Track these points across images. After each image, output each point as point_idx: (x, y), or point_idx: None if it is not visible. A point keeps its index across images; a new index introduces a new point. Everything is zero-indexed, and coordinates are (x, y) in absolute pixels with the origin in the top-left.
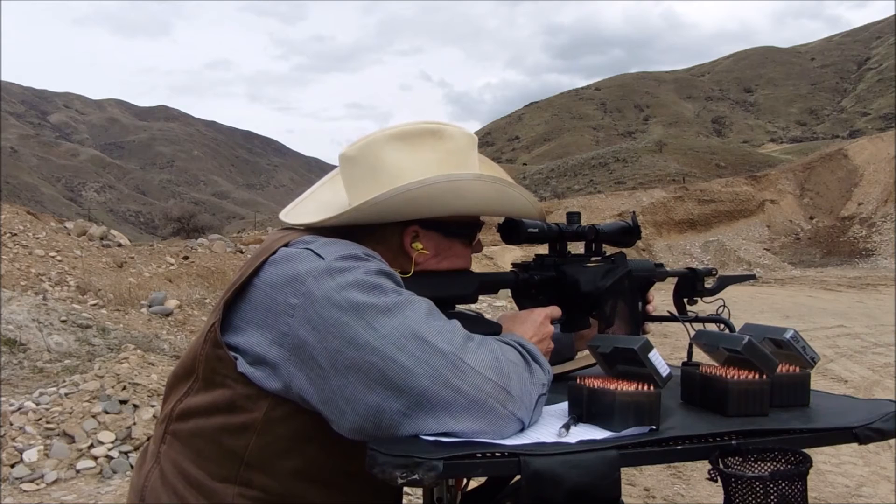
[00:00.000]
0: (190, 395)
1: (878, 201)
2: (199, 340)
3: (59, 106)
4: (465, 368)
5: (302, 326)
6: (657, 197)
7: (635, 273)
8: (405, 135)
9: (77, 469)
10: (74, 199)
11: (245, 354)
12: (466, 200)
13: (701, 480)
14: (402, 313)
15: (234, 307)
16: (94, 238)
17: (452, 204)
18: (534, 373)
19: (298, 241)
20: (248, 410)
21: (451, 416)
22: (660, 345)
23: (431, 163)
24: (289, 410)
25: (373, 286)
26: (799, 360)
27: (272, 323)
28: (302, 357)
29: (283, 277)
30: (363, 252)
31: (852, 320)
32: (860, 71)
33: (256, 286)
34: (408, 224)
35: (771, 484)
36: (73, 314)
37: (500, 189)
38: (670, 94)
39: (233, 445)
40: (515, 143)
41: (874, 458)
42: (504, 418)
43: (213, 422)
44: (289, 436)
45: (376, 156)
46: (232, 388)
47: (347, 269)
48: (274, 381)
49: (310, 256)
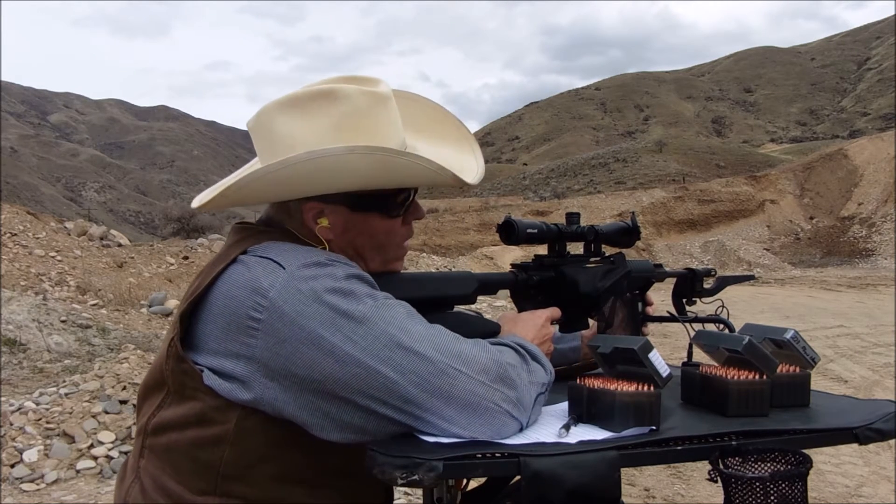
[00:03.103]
0: (163, 409)
1: (878, 201)
2: (162, 354)
3: (59, 106)
4: (454, 373)
5: (270, 342)
6: (657, 197)
7: (635, 273)
8: (296, 100)
9: (77, 469)
10: (74, 199)
11: (209, 370)
12: (343, 176)
13: (701, 480)
14: (381, 321)
15: (193, 319)
16: (94, 238)
17: (327, 182)
18: (532, 372)
19: (256, 249)
20: (219, 422)
21: (445, 421)
22: (660, 345)
23: (326, 129)
24: (262, 419)
25: (345, 293)
26: (799, 360)
27: (235, 337)
28: (273, 373)
29: (244, 290)
30: (326, 258)
31: (852, 320)
32: (860, 71)
33: (215, 298)
34: (307, 200)
35: (771, 484)
36: (73, 314)
37: (384, 160)
38: (670, 94)
39: (207, 458)
40: (515, 143)
41: (874, 458)
42: (500, 420)
43: (186, 436)
44: (264, 444)
45: (269, 126)
46: (202, 400)
47: (313, 277)
48: (243, 394)
49: (269, 266)
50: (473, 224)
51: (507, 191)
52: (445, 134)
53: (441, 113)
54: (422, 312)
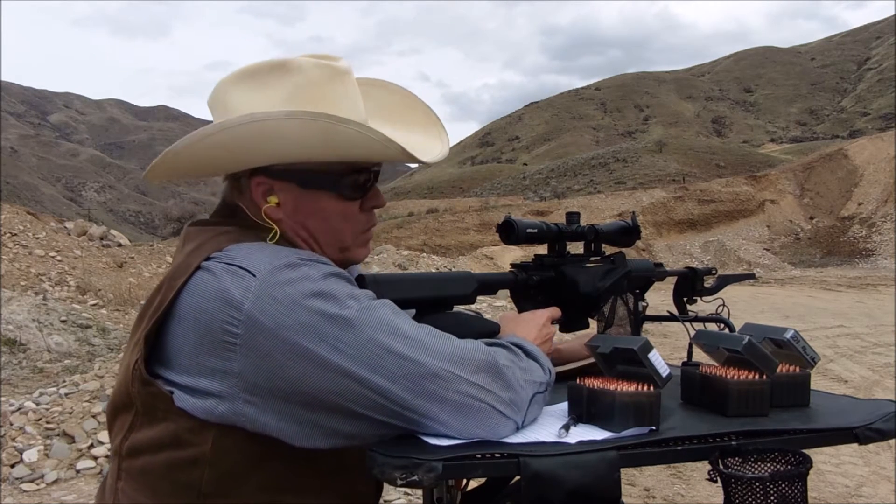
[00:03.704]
0: (134, 431)
1: (878, 201)
2: (126, 376)
3: (59, 106)
4: (447, 376)
5: (251, 357)
6: (657, 197)
7: (635, 273)
8: (250, 72)
9: (77, 469)
10: (74, 199)
11: (182, 388)
12: (283, 143)
13: (701, 480)
14: (367, 325)
15: (158, 337)
16: (94, 238)
17: (267, 150)
18: (528, 371)
19: (220, 255)
20: (194, 444)
21: (439, 423)
22: (660, 345)
23: (279, 101)
24: (240, 437)
25: (325, 296)
26: (799, 360)
27: (210, 353)
28: (255, 387)
29: (215, 302)
30: (297, 257)
31: (852, 320)
32: (860, 71)
33: (183, 312)
34: (256, 174)
35: (771, 484)
36: (73, 314)
37: (326, 127)
38: (670, 94)
39: (186, 479)
40: (515, 143)
41: (874, 458)
42: (493, 420)
43: (160, 458)
44: (245, 460)
45: (224, 100)
46: (174, 421)
47: (288, 282)
48: (221, 409)
49: (238, 274)
50: (473, 224)
51: (507, 191)
52: (415, 120)
53: (410, 99)
54: (421, 313)
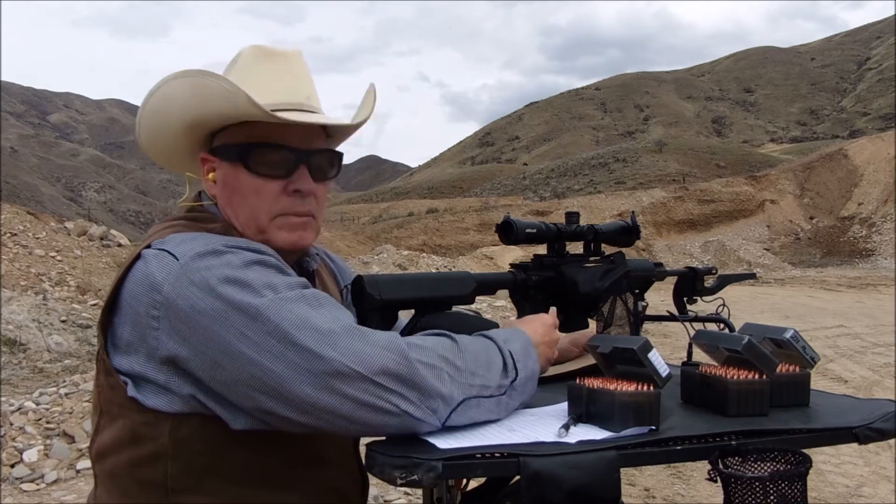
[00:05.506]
0: (99, 433)
1: (878, 201)
2: (96, 372)
3: (59, 106)
4: (350, 373)
5: (171, 339)
6: (657, 197)
7: (634, 273)
8: None
9: (77, 469)
10: (74, 199)
11: (132, 377)
12: (174, 105)
13: (701, 480)
14: (275, 315)
15: (110, 323)
16: (94, 238)
17: (165, 113)
18: (465, 373)
19: (157, 243)
20: (151, 438)
21: (345, 420)
22: (660, 345)
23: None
24: (195, 424)
25: (240, 284)
26: (799, 359)
27: (142, 338)
28: (181, 370)
29: (143, 286)
30: (224, 244)
31: (852, 320)
32: (860, 71)
33: (122, 299)
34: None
35: (771, 484)
36: (73, 314)
37: (202, 83)
38: (670, 94)
39: (151, 477)
40: (515, 143)
41: (874, 458)
42: (398, 420)
43: (123, 458)
44: (206, 452)
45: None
46: (130, 417)
47: (206, 267)
48: (165, 399)
49: (164, 258)
50: (473, 224)
51: (507, 191)
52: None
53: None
54: (420, 313)
